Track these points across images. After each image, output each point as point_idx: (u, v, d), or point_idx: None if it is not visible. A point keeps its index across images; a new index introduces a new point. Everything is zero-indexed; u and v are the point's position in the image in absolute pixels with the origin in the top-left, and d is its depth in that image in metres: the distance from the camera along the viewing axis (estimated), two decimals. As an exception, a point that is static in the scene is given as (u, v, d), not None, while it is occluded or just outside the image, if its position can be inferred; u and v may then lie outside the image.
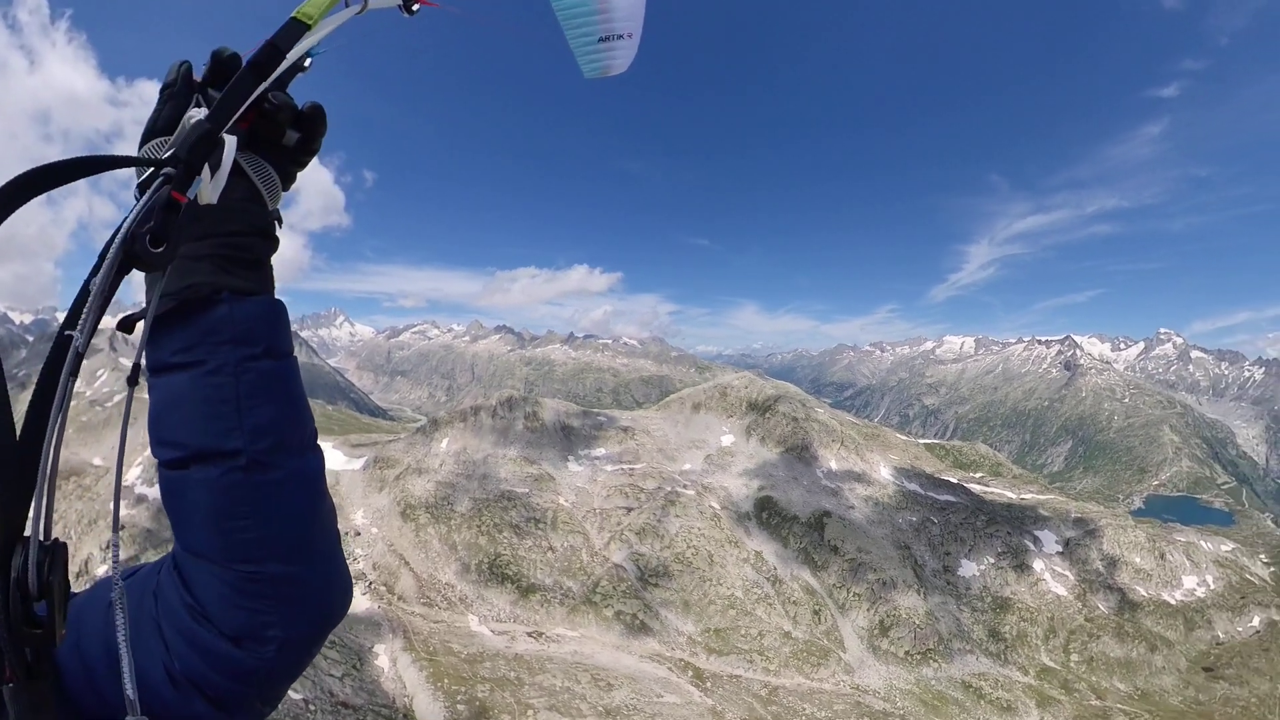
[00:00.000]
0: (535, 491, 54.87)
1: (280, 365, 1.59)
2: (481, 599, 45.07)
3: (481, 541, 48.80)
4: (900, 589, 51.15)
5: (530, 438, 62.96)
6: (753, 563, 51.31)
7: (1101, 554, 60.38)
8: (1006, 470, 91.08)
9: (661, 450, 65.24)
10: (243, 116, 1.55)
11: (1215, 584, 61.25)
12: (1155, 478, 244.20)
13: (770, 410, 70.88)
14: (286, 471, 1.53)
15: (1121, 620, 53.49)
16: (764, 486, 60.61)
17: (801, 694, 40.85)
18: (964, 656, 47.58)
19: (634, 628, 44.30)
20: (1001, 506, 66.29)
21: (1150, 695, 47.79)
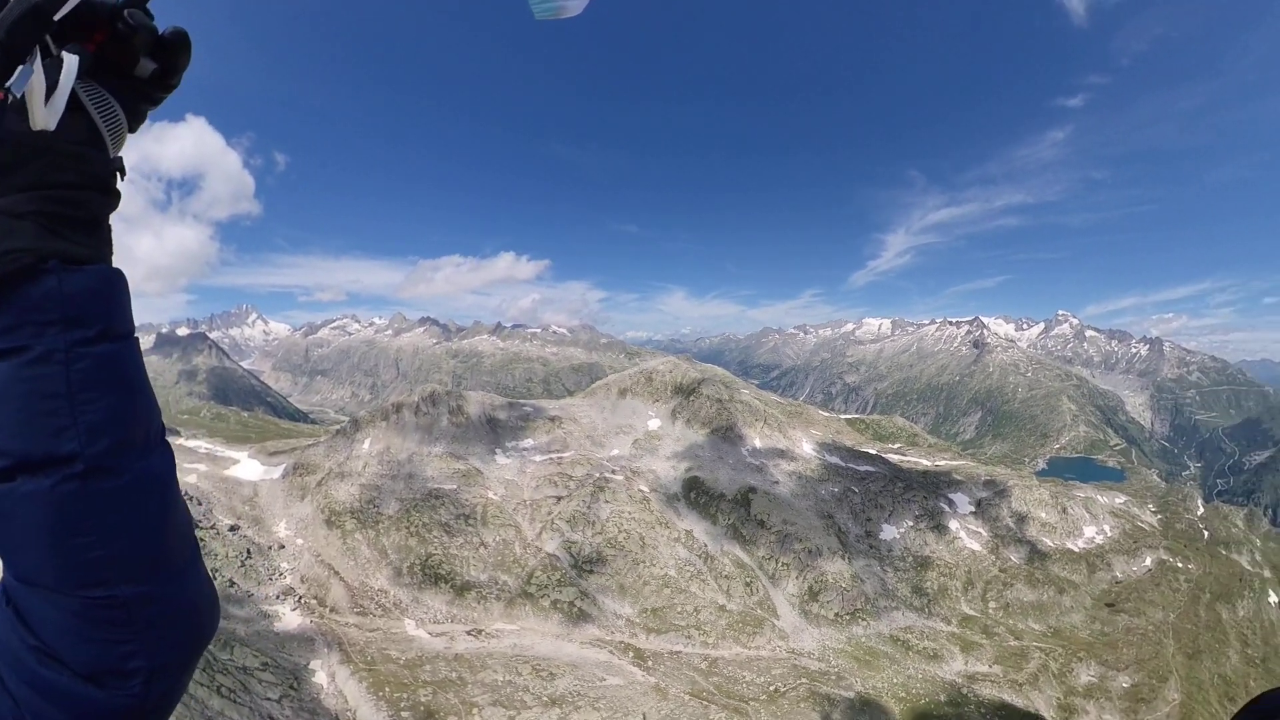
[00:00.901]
0: (464, 488, 53.90)
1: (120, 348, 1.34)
2: (417, 602, 43.89)
3: (412, 543, 47.51)
4: (826, 556, 53.42)
5: (456, 433, 61.70)
6: (684, 542, 52.23)
7: (1011, 511, 65.04)
8: (922, 440, 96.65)
9: (590, 437, 65.36)
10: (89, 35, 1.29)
11: (1111, 532, 67.20)
12: (1056, 442, 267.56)
13: (695, 393, 72.19)
14: (132, 475, 1.31)
15: (1032, 569, 57.97)
16: (691, 467, 61.74)
17: (740, 663, 41.97)
18: (891, 613, 50.30)
19: (572, 615, 44.28)
20: (918, 474, 70.38)
21: (1062, 632, 52.12)
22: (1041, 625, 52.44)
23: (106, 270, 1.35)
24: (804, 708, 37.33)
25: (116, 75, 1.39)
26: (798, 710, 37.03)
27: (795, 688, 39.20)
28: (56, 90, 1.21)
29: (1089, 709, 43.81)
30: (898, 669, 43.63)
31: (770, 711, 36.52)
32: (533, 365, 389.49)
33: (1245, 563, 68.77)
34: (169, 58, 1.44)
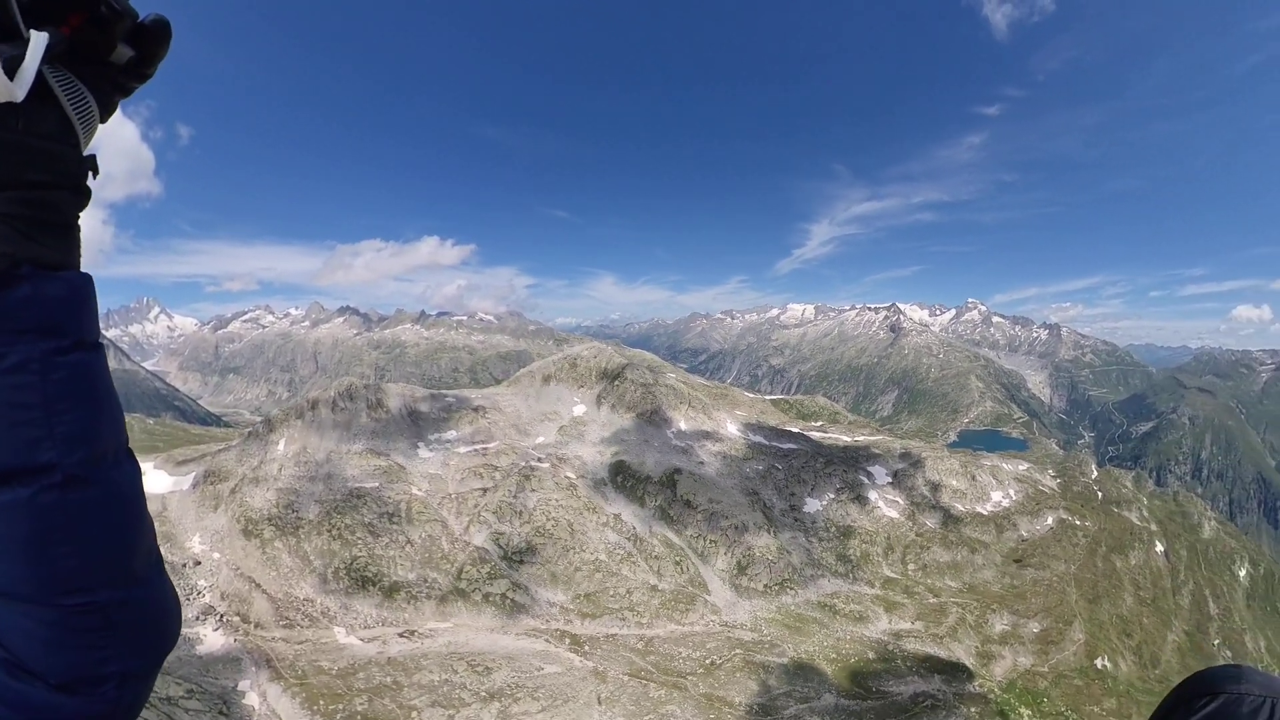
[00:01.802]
0: (386, 485, 52.20)
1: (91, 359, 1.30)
2: (345, 608, 42.20)
3: (335, 547, 45.56)
4: (753, 531, 55.13)
5: (376, 428, 59.56)
6: (613, 525, 52.63)
7: (925, 481, 69.06)
8: (843, 417, 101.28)
9: (514, 426, 64.60)
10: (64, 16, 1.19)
11: (1016, 496, 72.39)
12: (965, 416, 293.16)
13: (620, 378, 72.65)
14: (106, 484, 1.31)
15: (946, 532, 61.83)
16: (618, 452, 62.19)
17: (675, 640, 42.68)
18: (817, 581, 52.37)
19: (506, 608, 43.83)
20: (839, 449, 73.54)
21: (976, 587, 55.92)
22: (957, 583, 56.04)
23: (78, 277, 1.29)
24: (740, 677, 38.40)
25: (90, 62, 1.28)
26: (734, 680, 38.05)
27: (730, 659, 40.25)
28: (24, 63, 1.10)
29: (1004, 654, 47.44)
30: (827, 632, 45.55)
31: (708, 683, 37.38)
32: (459, 354, 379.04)
33: (1134, 519, 75.82)
34: (147, 45, 1.35)
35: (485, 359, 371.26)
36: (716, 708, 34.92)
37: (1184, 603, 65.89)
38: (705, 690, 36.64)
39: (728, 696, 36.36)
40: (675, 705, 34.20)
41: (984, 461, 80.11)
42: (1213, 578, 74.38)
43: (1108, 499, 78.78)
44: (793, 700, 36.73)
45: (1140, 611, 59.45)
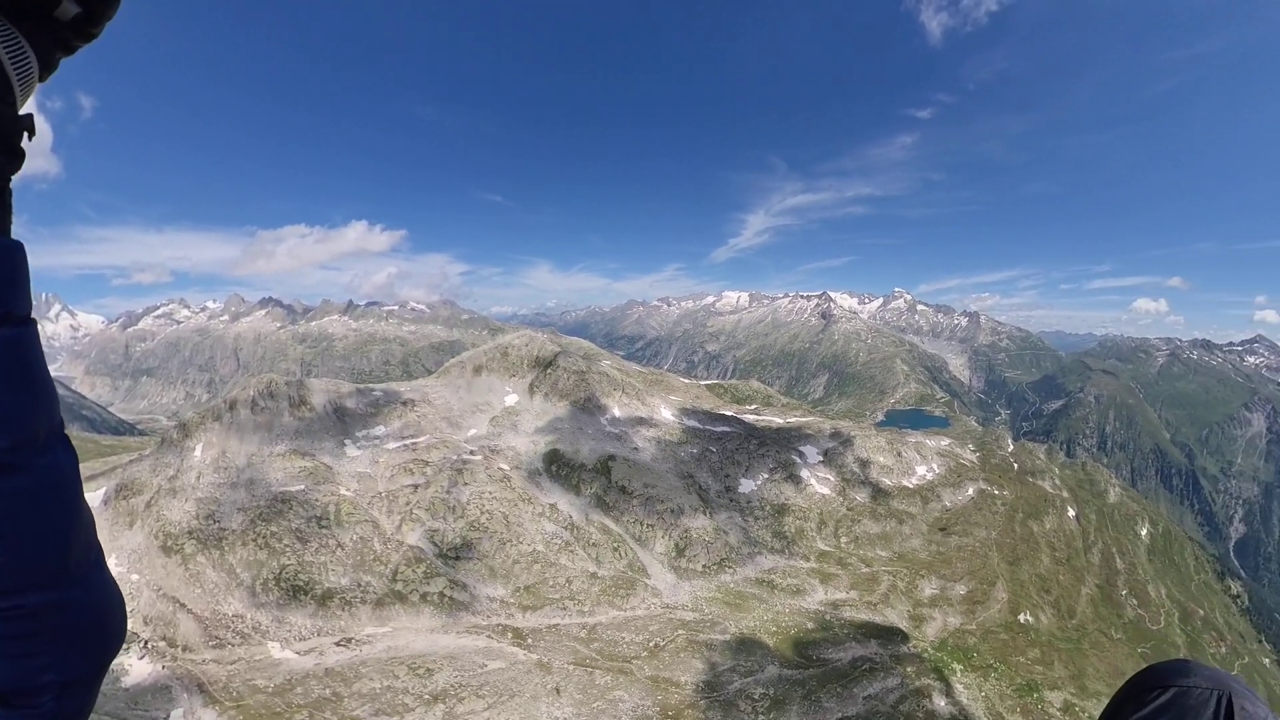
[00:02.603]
0: (313, 487, 50.19)
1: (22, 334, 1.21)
2: (278, 621, 40.36)
3: (262, 557, 43.52)
4: (689, 513, 56.09)
5: (300, 427, 57.18)
6: (549, 515, 52.42)
7: (855, 458, 71.85)
8: (776, 400, 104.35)
9: (445, 419, 63.34)
10: None
11: (939, 469, 76.26)
12: (892, 397, 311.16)
13: (552, 366, 72.28)
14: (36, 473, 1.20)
15: (875, 505, 64.60)
16: (552, 441, 61.96)
17: (618, 625, 43.00)
18: (755, 558, 53.80)
19: (445, 606, 43.06)
20: (772, 430, 75.56)
21: (905, 556, 58.69)
22: (887, 552, 58.75)
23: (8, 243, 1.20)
24: (684, 656, 39.07)
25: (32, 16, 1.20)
26: (679, 660, 38.69)
27: (674, 640, 40.89)
28: None
29: (935, 615, 50.09)
30: (766, 607, 46.88)
31: (653, 666, 37.88)
32: (390, 346, 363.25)
33: (1048, 487, 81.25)
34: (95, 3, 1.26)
35: (417, 350, 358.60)
36: (663, 689, 35.48)
37: (1094, 560, 71.18)
38: (651, 673, 37.14)
39: (674, 677, 36.98)
40: (622, 690, 34.55)
41: (909, 438, 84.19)
42: (1118, 537, 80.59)
43: (1023, 470, 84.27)
44: (737, 675, 37.69)
45: (1056, 570, 63.94)
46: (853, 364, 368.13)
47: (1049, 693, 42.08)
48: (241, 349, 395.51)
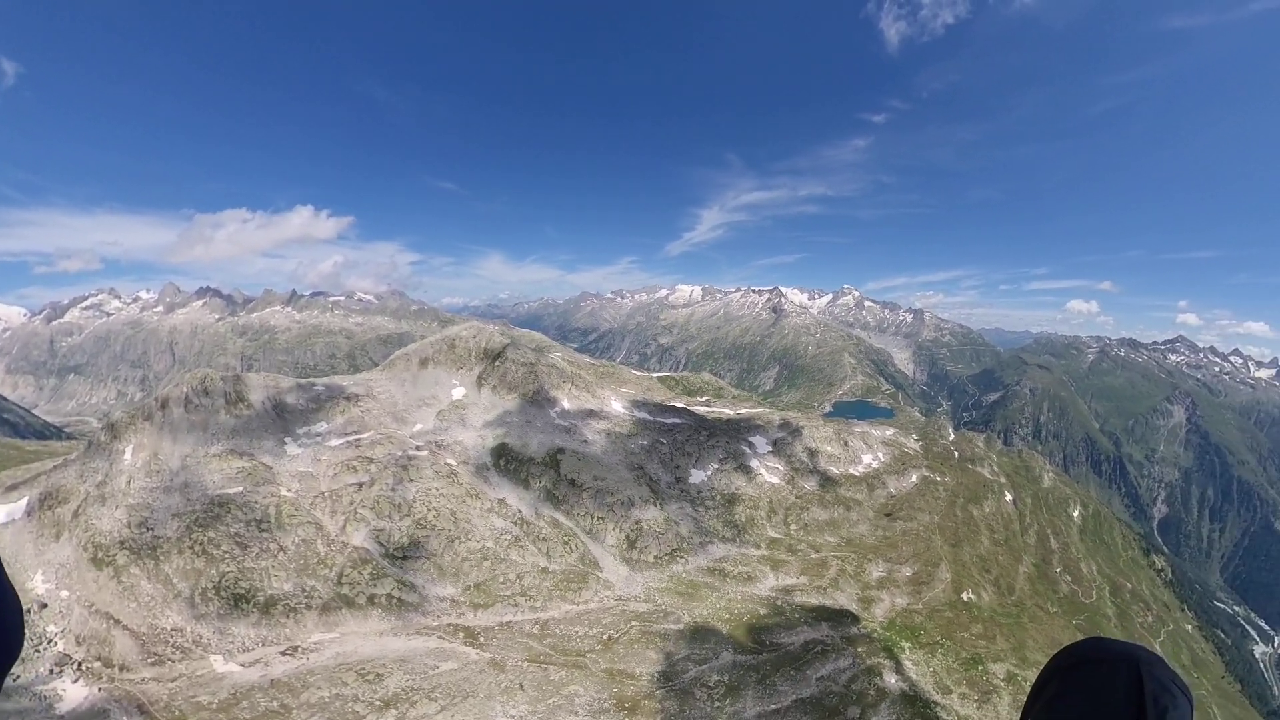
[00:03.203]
0: (252, 489, 48.15)
1: None
2: (220, 633, 38.37)
3: (200, 565, 41.31)
4: (640, 505, 56.30)
5: (238, 425, 54.77)
6: (498, 511, 51.77)
7: (803, 448, 73.32)
8: (727, 392, 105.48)
9: (390, 414, 61.81)
10: None
11: (884, 457, 78.51)
12: (839, 389, 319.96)
13: (502, 358, 71.35)
14: None
15: (823, 493, 66.07)
16: (500, 435, 61.26)
17: (571, 619, 42.77)
18: (706, 547, 54.40)
19: (393, 608, 41.96)
20: (722, 422, 76.33)
21: (853, 541, 60.17)
22: (836, 538, 60.17)
23: None
24: (638, 648, 39.17)
25: None
26: (633, 651, 38.77)
27: (627, 631, 40.96)
28: None
29: (883, 597, 51.52)
30: (719, 595, 47.41)
31: (608, 659, 37.85)
32: (335, 338, 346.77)
33: (986, 473, 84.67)
34: None
35: (364, 343, 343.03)
36: (619, 681, 35.50)
37: (1031, 540, 74.64)
38: (606, 666, 37.10)
39: (629, 669, 37.05)
40: (578, 685, 34.38)
41: (855, 428, 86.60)
42: (1052, 519, 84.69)
43: (963, 457, 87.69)
44: (692, 663, 38.01)
45: (995, 550, 66.66)
46: (802, 357, 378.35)
47: (992, 665, 43.92)
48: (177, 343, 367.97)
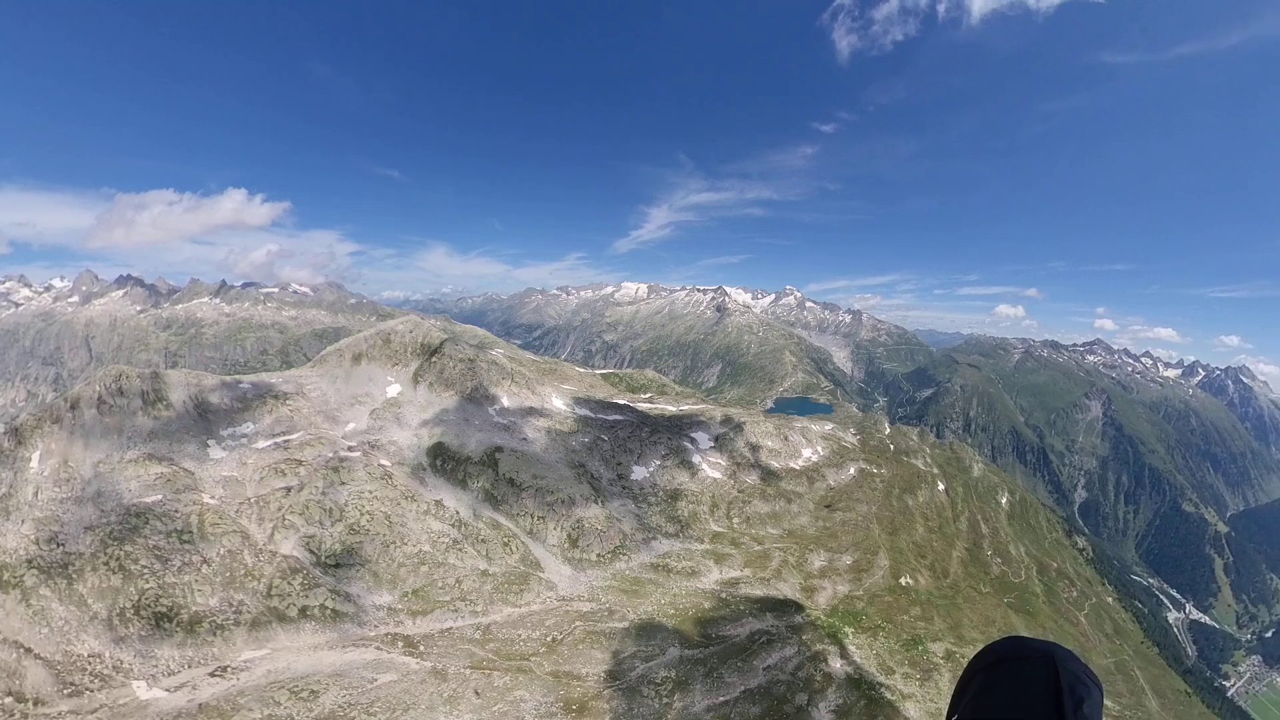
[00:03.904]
0: (172, 497, 44.95)
1: None
2: (142, 656, 35.35)
3: (118, 583, 38.07)
4: (580, 503, 55.67)
5: (157, 428, 51.24)
6: (435, 513, 50.27)
7: (745, 443, 74.22)
8: (671, 389, 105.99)
9: (322, 412, 59.26)
10: None
11: (824, 451, 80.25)
12: (780, 386, 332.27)
13: (439, 353, 69.48)
14: None
15: (765, 486, 66.99)
16: (437, 434, 59.67)
17: (514, 623, 41.87)
18: (650, 544, 54.25)
19: (327, 619, 40.00)
20: (665, 418, 76.57)
21: (794, 532, 61.14)
22: (778, 530, 61.08)
23: None
24: (583, 648, 38.63)
25: None
26: (578, 652, 38.20)
27: (572, 632, 40.36)
28: None
29: (825, 585, 52.58)
30: (664, 591, 47.32)
31: (552, 661, 37.16)
32: (268, 333, 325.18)
33: (920, 465, 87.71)
34: None
35: (299, 338, 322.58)
36: (565, 683, 34.85)
37: (963, 527, 77.71)
38: (551, 668, 36.39)
39: (575, 670, 36.43)
40: (523, 690, 33.54)
41: (796, 423, 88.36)
42: (982, 506, 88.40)
43: (899, 450, 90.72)
44: (639, 660, 37.70)
45: (930, 537, 69.13)
46: (745, 355, 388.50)
47: (932, 644, 45.47)
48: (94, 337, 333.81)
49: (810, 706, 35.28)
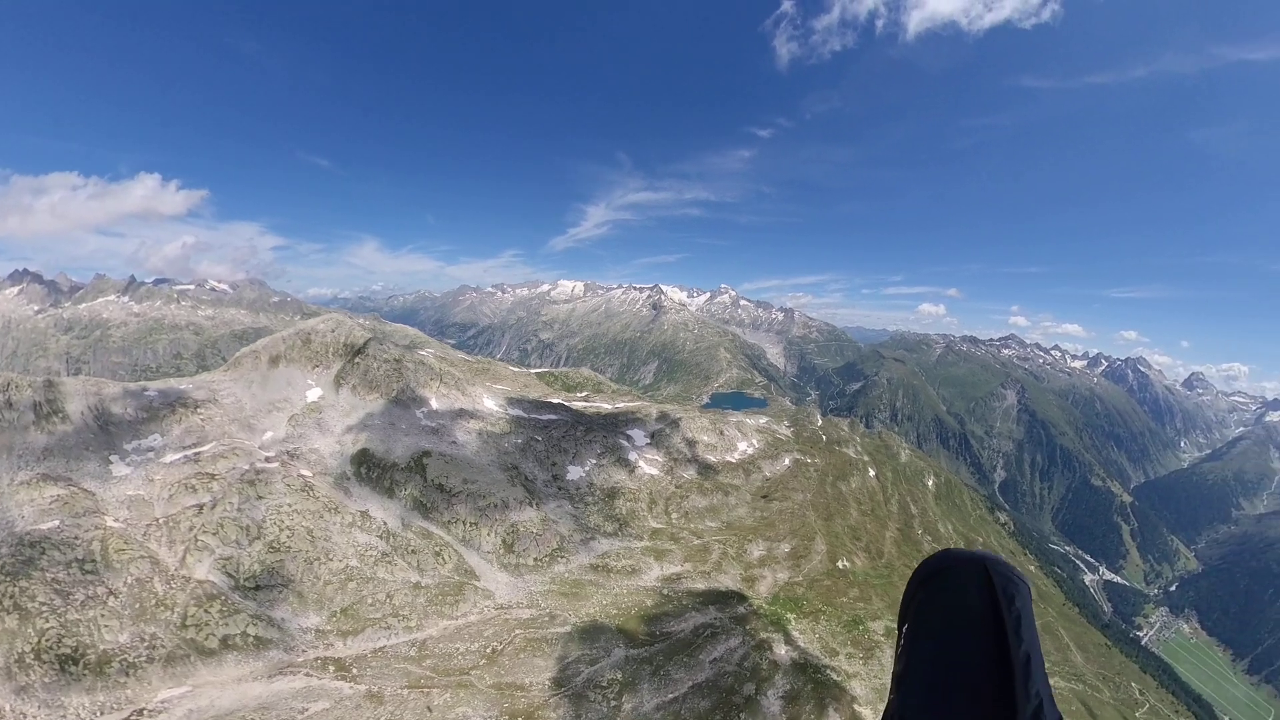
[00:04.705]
0: (71, 522, 40.40)
1: None
2: (48, 706, 31.24)
3: (13, 625, 33.58)
4: (514, 506, 54.09)
5: (51, 443, 46.42)
6: (360, 525, 47.61)
7: (682, 438, 74.31)
8: (606, 387, 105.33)
9: (236, 421, 55.34)
10: None
11: (759, 444, 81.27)
12: (716, 382, 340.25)
13: (363, 354, 66.24)
14: None
15: (703, 481, 67.11)
16: (361, 439, 56.87)
17: (451, 636, 40.19)
18: (589, 544, 53.24)
19: (250, 648, 36.96)
20: (601, 416, 75.78)
21: (733, 524, 61.43)
22: (716, 523, 61.26)
23: None
24: (525, 657, 37.39)
25: None
26: (520, 662, 36.95)
27: (512, 641, 39.04)
28: None
29: (765, 574, 52.96)
30: (605, 592, 46.50)
31: (494, 673, 35.78)
32: (182, 334, 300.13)
33: (851, 453, 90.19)
34: None
35: (216, 340, 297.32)
36: (509, 695, 33.57)
37: (894, 509, 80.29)
38: (493, 681, 35.03)
39: (518, 680, 35.14)
40: (465, 706, 32.00)
41: (731, 418, 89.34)
42: (911, 489, 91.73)
43: (831, 440, 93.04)
44: (583, 664, 36.79)
45: (864, 520, 70.94)
46: (681, 352, 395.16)
47: (871, 623, 46.54)
48: None
49: (759, 695, 35.30)
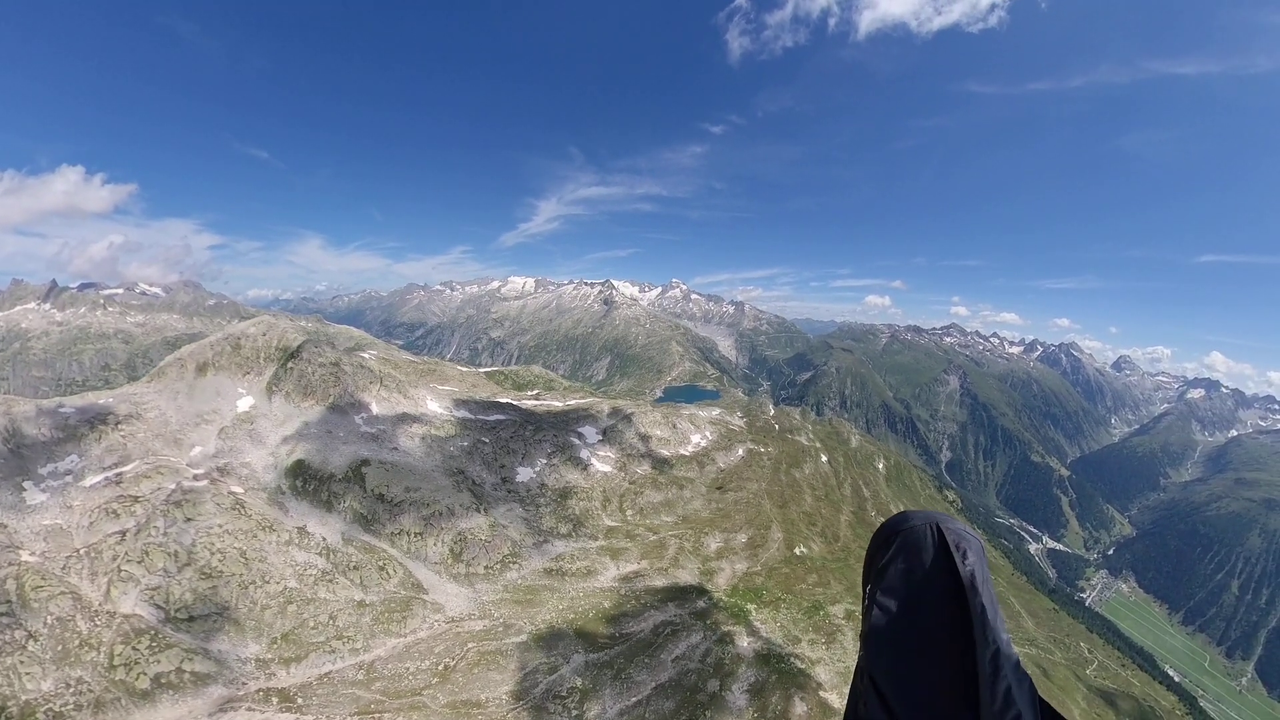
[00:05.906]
0: None
1: None
2: None
3: None
4: (460, 513, 52.01)
5: None
6: (298, 542, 44.78)
7: (635, 433, 73.31)
8: (558, 384, 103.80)
9: (160, 436, 51.32)
10: None
11: (712, 436, 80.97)
12: (669, 375, 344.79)
13: (297, 358, 62.65)
14: None
15: (657, 475, 66.22)
16: (297, 450, 53.73)
17: (400, 655, 38.12)
18: (542, 548, 51.55)
19: (185, 685, 33.96)
20: (551, 415, 74.08)
21: (689, 518, 60.68)
22: (672, 517, 60.42)
23: None
24: (480, 671, 35.73)
25: None
26: (475, 676, 35.26)
27: (465, 655, 37.28)
28: None
29: (723, 566, 52.28)
30: (560, 596, 44.97)
31: (448, 691, 33.99)
32: (110, 344, 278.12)
33: (804, 441, 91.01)
34: None
35: (147, 348, 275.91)
36: (465, 713, 31.76)
37: (847, 493, 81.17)
38: (447, 699, 33.14)
39: (473, 696, 33.34)
40: (417, 727, 30.43)
41: (684, 411, 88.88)
42: (863, 473, 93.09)
43: (783, 429, 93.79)
44: (541, 674, 35.26)
45: (818, 506, 71.31)
46: (633, 347, 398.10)
47: (831, 607, 46.27)
48: None
49: (724, 691, 34.47)
